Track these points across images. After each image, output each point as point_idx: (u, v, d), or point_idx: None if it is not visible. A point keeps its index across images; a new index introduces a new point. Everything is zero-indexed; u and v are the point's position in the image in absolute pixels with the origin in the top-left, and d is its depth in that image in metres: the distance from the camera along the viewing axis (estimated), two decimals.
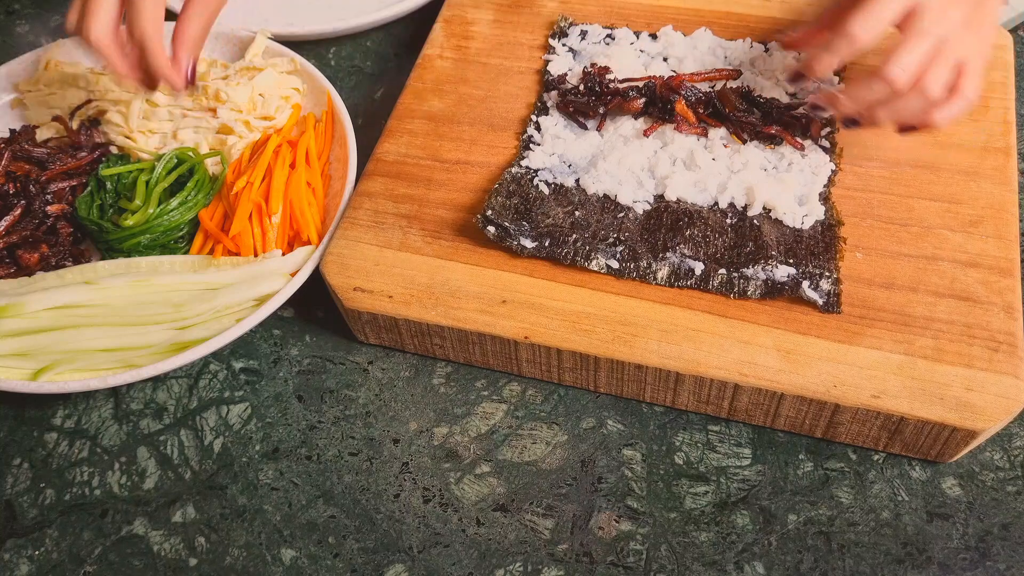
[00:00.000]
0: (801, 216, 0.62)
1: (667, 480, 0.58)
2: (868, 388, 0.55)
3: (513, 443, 0.61)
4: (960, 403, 0.54)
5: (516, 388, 0.63)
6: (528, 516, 0.58)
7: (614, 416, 0.61)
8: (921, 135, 0.67)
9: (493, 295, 0.61)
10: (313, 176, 0.71)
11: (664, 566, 0.55)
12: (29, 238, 0.67)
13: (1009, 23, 0.83)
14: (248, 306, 0.64)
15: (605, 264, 0.61)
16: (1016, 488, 0.57)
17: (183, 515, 0.59)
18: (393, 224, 0.65)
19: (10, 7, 0.96)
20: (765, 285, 0.59)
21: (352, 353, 0.66)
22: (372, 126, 0.80)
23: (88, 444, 0.62)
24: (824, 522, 0.56)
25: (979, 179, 0.64)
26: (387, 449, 0.61)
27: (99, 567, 0.57)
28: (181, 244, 0.69)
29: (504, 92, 0.74)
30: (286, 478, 0.60)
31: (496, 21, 0.80)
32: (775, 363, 0.56)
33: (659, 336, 0.58)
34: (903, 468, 0.58)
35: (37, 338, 0.62)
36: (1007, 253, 0.60)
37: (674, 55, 0.73)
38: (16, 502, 0.60)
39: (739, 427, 0.60)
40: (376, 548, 0.57)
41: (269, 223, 0.67)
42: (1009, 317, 0.57)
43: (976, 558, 0.54)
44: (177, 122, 0.75)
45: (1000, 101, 0.69)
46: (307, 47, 0.87)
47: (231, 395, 0.64)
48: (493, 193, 0.64)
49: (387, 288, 0.62)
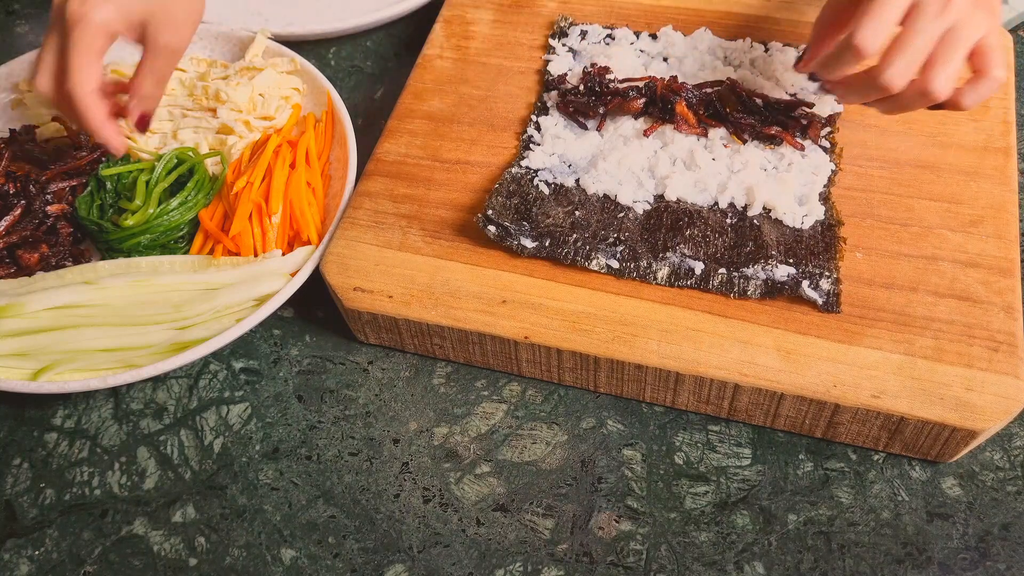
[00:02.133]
0: (801, 216, 0.62)
1: (667, 480, 0.58)
2: (868, 388, 0.55)
3: (513, 443, 0.61)
4: (960, 403, 0.54)
5: (516, 388, 0.63)
6: (528, 516, 0.58)
7: (614, 416, 0.61)
8: (921, 135, 0.67)
9: (493, 295, 0.61)
10: (313, 176, 0.71)
11: (664, 566, 0.55)
12: (29, 238, 0.67)
13: (1009, 23, 0.83)
14: (248, 306, 0.64)
15: (605, 264, 0.61)
16: (1016, 488, 0.57)
17: (183, 515, 0.59)
18: (393, 224, 0.65)
19: (10, 7, 0.96)
20: (765, 285, 0.59)
21: (352, 353, 0.66)
22: (372, 126, 0.80)
23: (88, 444, 0.62)
24: (824, 522, 0.56)
25: (979, 179, 0.64)
26: (387, 449, 0.61)
27: (99, 567, 0.57)
28: (181, 244, 0.69)
29: (504, 92, 0.74)
30: (286, 478, 0.60)
31: (496, 21, 0.80)
32: (775, 363, 0.56)
33: (659, 336, 0.58)
34: (903, 468, 0.58)
35: (37, 338, 0.62)
36: (1007, 253, 0.60)
37: (674, 55, 0.73)
38: (16, 502, 0.60)
39: (739, 427, 0.60)
40: (376, 548, 0.57)
41: (269, 223, 0.67)
42: (1009, 317, 0.57)
43: (976, 558, 0.54)
44: (177, 122, 0.75)
45: (1000, 101, 0.69)
46: (307, 47, 0.87)
47: (231, 395, 0.64)
48: (493, 193, 0.64)
49: (387, 288, 0.62)
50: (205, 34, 0.81)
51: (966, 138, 0.67)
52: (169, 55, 0.63)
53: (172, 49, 0.63)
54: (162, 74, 0.63)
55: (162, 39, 0.62)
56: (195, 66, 0.79)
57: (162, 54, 0.62)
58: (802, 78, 0.71)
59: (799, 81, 0.70)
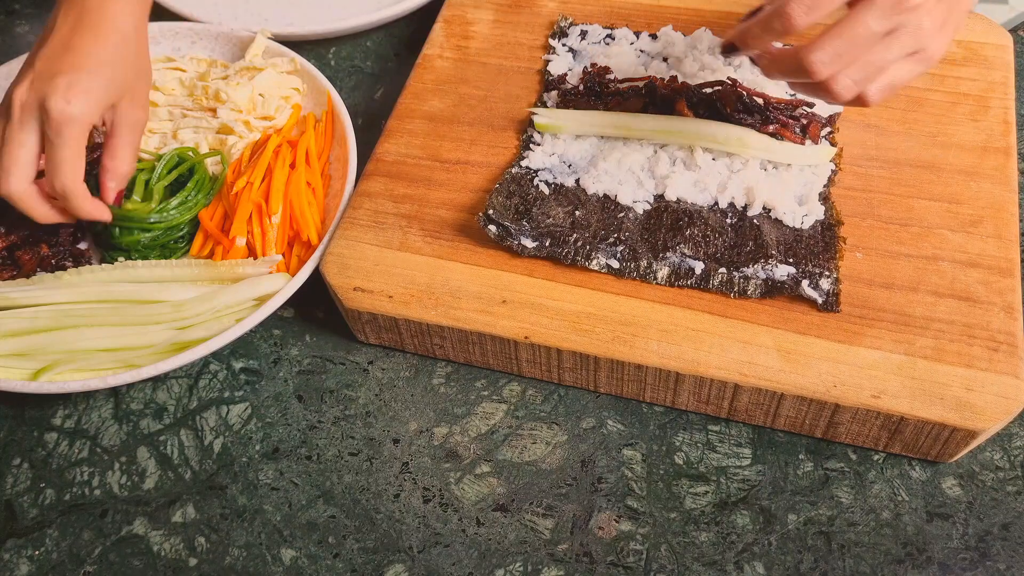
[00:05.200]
0: (801, 216, 0.62)
1: (667, 480, 0.58)
2: (868, 388, 0.55)
3: (513, 443, 0.61)
4: (960, 403, 0.54)
5: (516, 388, 0.63)
6: (528, 516, 0.58)
7: (614, 416, 0.61)
8: (921, 135, 0.67)
9: (493, 295, 0.61)
10: (313, 176, 0.71)
11: (664, 566, 0.55)
12: (29, 238, 0.67)
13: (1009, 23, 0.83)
14: (248, 306, 0.64)
15: (605, 264, 0.61)
16: (1016, 488, 0.57)
17: (183, 515, 0.59)
18: (393, 224, 0.65)
19: (10, 7, 0.96)
20: (765, 284, 0.59)
21: (352, 353, 0.66)
22: (372, 126, 0.80)
23: (88, 444, 0.62)
24: (824, 522, 0.56)
25: (979, 179, 0.64)
26: (387, 449, 0.61)
27: (99, 567, 0.57)
28: (181, 244, 0.69)
29: (504, 92, 0.74)
30: (286, 478, 0.60)
31: (496, 21, 0.80)
32: (775, 363, 0.56)
33: (659, 336, 0.58)
34: (903, 468, 0.58)
35: (37, 338, 0.62)
36: (1007, 253, 0.60)
37: (674, 55, 0.73)
38: (16, 502, 0.60)
39: (739, 427, 0.60)
40: (376, 548, 0.57)
41: (269, 223, 0.67)
42: (1009, 317, 0.57)
43: (976, 558, 0.54)
44: (177, 122, 0.75)
45: (1000, 101, 0.69)
46: (307, 47, 0.87)
47: (231, 395, 0.64)
48: (493, 193, 0.64)
49: (387, 288, 0.62)
50: (205, 34, 0.81)
51: (966, 138, 0.67)
52: (141, 128, 0.65)
53: (143, 122, 0.65)
54: (136, 147, 0.66)
55: (134, 115, 0.64)
56: (195, 66, 0.79)
57: (136, 129, 0.65)
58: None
59: None
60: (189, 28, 0.81)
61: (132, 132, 0.64)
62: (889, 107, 0.69)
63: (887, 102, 0.69)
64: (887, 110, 0.69)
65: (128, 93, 0.63)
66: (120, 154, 0.64)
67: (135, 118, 0.64)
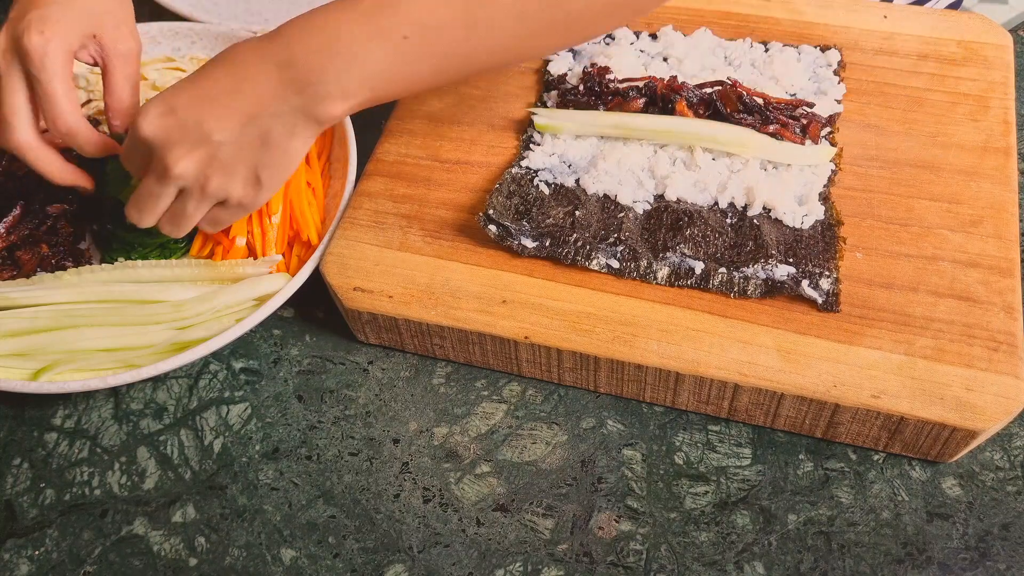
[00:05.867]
0: (801, 216, 0.62)
1: (667, 480, 0.59)
2: (868, 388, 0.55)
3: (513, 443, 0.61)
4: (960, 403, 0.54)
5: (516, 388, 0.63)
6: (528, 516, 0.58)
7: (614, 416, 0.61)
8: (921, 135, 0.67)
9: (493, 295, 0.61)
10: (313, 176, 0.71)
11: (664, 566, 0.55)
12: (29, 238, 0.67)
13: (1009, 23, 0.83)
14: (248, 306, 0.64)
15: (605, 264, 0.61)
16: (1016, 488, 0.57)
17: (183, 515, 0.59)
18: (393, 224, 0.65)
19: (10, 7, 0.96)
20: (765, 284, 0.59)
21: (352, 353, 0.66)
22: (372, 126, 0.80)
23: (88, 444, 0.62)
24: (824, 522, 0.56)
25: (979, 179, 0.64)
26: (387, 449, 0.61)
27: (99, 567, 0.57)
28: (181, 244, 0.69)
29: (504, 92, 0.74)
30: (286, 478, 0.60)
31: None
32: (775, 363, 0.56)
33: (659, 336, 0.58)
34: (903, 468, 0.58)
35: (37, 338, 0.62)
36: (1007, 253, 0.60)
37: (674, 55, 0.73)
38: (16, 502, 0.60)
39: (739, 427, 0.60)
40: (376, 548, 0.57)
41: (269, 223, 0.67)
42: (1009, 317, 0.57)
43: (976, 558, 0.54)
44: None
45: (1000, 101, 0.69)
46: None
47: (231, 395, 0.64)
48: (493, 193, 0.64)
49: (387, 288, 0.62)
50: (205, 34, 0.81)
51: (966, 138, 0.67)
52: (135, 58, 0.63)
53: (135, 52, 0.63)
54: (136, 79, 0.63)
55: (124, 46, 0.62)
56: (195, 66, 0.79)
57: (129, 59, 0.62)
58: (803, 77, 0.71)
59: (799, 81, 0.70)
60: (189, 28, 0.81)
61: (126, 63, 0.62)
62: (889, 107, 0.69)
63: (887, 102, 0.69)
64: (887, 110, 0.69)
65: (109, 19, 0.61)
66: (118, 89, 0.62)
67: (126, 48, 0.62)
